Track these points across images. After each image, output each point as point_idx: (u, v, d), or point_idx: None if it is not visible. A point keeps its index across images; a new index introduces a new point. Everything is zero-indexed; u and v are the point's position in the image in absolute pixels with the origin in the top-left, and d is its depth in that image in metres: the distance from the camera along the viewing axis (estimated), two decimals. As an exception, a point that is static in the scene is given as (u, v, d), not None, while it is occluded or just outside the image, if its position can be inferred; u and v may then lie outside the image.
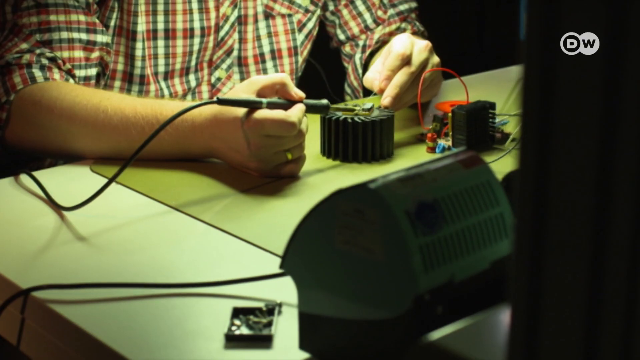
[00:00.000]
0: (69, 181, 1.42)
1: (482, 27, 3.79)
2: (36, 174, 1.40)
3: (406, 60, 1.54)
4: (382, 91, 1.52)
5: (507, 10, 3.54)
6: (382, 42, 1.89)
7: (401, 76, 1.52)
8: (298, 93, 1.38)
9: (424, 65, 1.57)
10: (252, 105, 1.33)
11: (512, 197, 0.88)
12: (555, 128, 0.58)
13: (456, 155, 0.91)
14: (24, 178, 1.41)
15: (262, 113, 1.33)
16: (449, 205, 0.85)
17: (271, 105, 1.35)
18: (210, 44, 1.77)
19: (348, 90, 1.94)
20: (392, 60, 1.54)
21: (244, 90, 1.37)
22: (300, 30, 1.87)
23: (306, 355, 0.92)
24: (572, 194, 0.59)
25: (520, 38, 0.60)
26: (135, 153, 1.31)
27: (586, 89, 0.57)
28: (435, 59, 1.61)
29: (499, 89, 1.79)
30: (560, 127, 0.58)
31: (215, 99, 1.34)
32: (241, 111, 1.34)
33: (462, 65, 1.84)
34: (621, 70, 0.56)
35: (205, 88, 1.80)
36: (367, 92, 1.68)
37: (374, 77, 1.57)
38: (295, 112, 1.34)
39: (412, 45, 1.56)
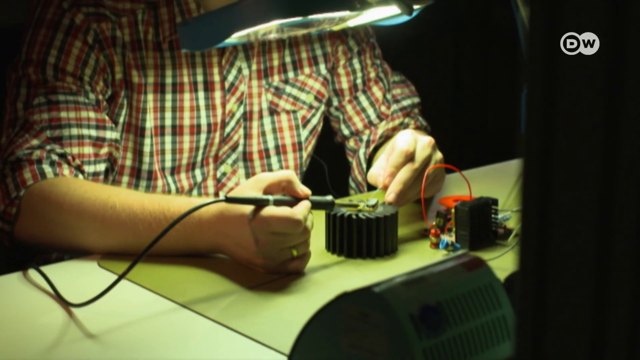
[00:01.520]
0: (77, 276, 1.43)
1: (484, 120, 3.83)
2: (44, 268, 1.42)
3: (410, 157, 1.57)
4: (386, 187, 1.55)
5: (508, 104, 3.58)
6: (386, 137, 1.92)
7: (405, 173, 1.55)
8: (304, 190, 1.41)
9: (427, 161, 1.59)
10: (259, 203, 1.36)
11: (513, 299, 0.89)
12: (556, 128, 0.58)
13: (459, 258, 0.93)
14: (32, 273, 1.43)
15: (268, 210, 1.35)
16: (452, 308, 0.86)
17: (277, 203, 1.37)
18: (217, 140, 1.80)
19: (352, 184, 1.97)
20: (395, 157, 1.56)
21: (251, 187, 1.39)
22: (304, 126, 1.91)
23: None
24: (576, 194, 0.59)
25: (521, 131, 0.61)
26: (143, 251, 1.33)
27: (586, 89, 0.57)
28: (438, 155, 1.64)
29: (500, 183, 1.81)
30: (561, 127, 0.58)
31: (222, 197, 1.37)
32: (248, 208, 1.36)
33: (463, 158, 1.87)
34: (622, 70, 0.56)
35: (211, 183, 1.82)
36: (371, 187, 1.70)
37: (378, 173, 1.60)
38: (301, 210, 1.37)
39: (416, 142, 1.59)
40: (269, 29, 1.50)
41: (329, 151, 2.06)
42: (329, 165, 2.08)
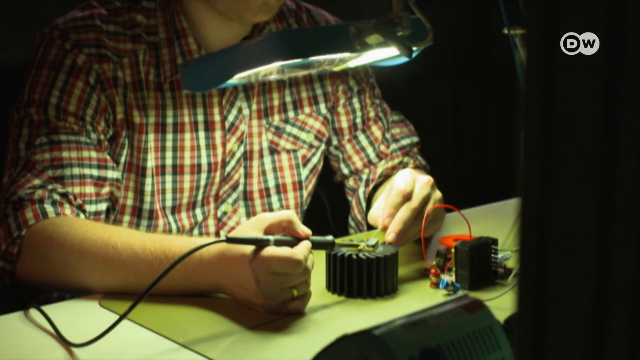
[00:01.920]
0: (78, 316, 1.44)
1: (484, 159, 3.85)
2: (45, 308, 1.42)
3: (408, 197, 1.58)
4: (385, 228, 1.56)
5: (508, 143, 3.60)
6: (385, 176, 1.93)
7: (404, 212, 1.56)
8: (304, 230, 1.42)
9: (426, 200, 1.60)
10: (260, 243, 1.37)
11: (513, 341, 0.90)
12: (555, 128, 0.58)
13: (458, 300, 0.93)
14: (34, 312, 1.43)
15: (269, 251, 1.36)
16: (452, 350, 0.87)
17: (278, 243, 1.38)
18: (217, 179, 1.81)
19: (352, 223, 1.98)
20: (394, 197, 1.57)
21: (252, 227, 1.40)
22: (305, 165, 1.92)
23: None
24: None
25: (520, 169, 0.62)
26: (145, 292, 1.33)
27: (586, 89, 0.57)
28: (437, 194, 1.65)
29: (500, 223, 1.82)
30: (560, 127, 0.58)
31: (223, 237, 1.38)
32: (248, 249, 1.37)
33: (463, 197, 1.88)
34: (621, 71, 0.56)
35: (211, 222, 1.83)
36: (371, 226, 1.71)
37: (377, 214, 1.61)
38: (301, 250, 1.38)
39: (414, 182, 1.60)
40: (270, 70, 1.51)
41: (329, 190, 2.07)
42: (329, 203, 2.09)
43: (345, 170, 1.99)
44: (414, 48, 1.39)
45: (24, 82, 1.69)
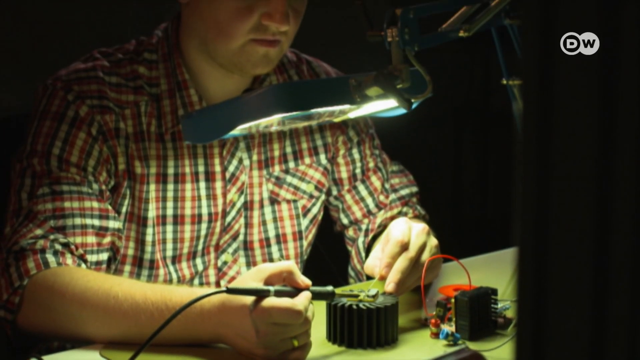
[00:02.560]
0: (79, 367, 1.44)
1: (484, 208, 3.85)
2: (46, 358, 1.42)
3: (405, 246, 1.59)
4: (383, 278, 1.56)
5: (507, 191, 3.61)
6: (384, 226, 1.94)
7: (402, 262, 1.57)
8: (304, 281, 1.42)
9: (422, 249, 1.61)
10: (260, 294, 1.37)
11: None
12: (554, 129, 0.58)
13: (458, 353, 0.94)
14: (34, 363, 1.43)
15: (269, 301, 1.36)
16: (453, 402, 0.87)
17: (278, 294, 1.38)
18: (217, 229, 1.82)
19: (352, 273, 1.98)
20: (391, 247, 1.58)
21: (252, 277, 1.41)
22: (305, 215, 1.93)
23: None
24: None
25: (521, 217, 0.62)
26: (145, 342, 1.33)
27: (586, 89, 0.57)
28: (433, 242, 1.66)
29: (500, 272, 1.82)
30: (559, 127, 0.58)
31: (224, 287, 1.38)
32: (249, 299, 1.38)
33: (463, 245, 1.89)
34: (618, 70, 0.56)
35: (212, 272, 1.84)
36: (371, 276, 1.71)
37: (374, 264, 1.62)
38: (301, 300, 1.38)
39: (410, 231, 1.61)
40: (271, 121, 1.53)
41: (329, 239, 2.07)
42: (329, 253, 2.09)
43: (345, 220, 1.99)
44: (414, 100, 1.40)
45: (26, 132, 1.70)
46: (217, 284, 1.84)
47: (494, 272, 1.84)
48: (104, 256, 1.67)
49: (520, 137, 0.61)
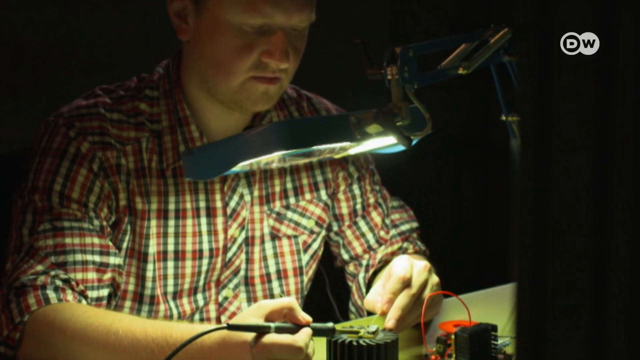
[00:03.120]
0: (79, 403, 1.44)
1: (484, 243, 3.86)
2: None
3: (407, 283, 1.59)
4: (384, 314, 1.56)
5: (507, 226, 3.61)
6: (385, 262, 1.94)
7: (403, 299, 1.57)
8: (305, 317, 1.42)
9: (424, 286, 1.62)
10: (261, 330, 1.37)
11: None
12: (553, 129, 0.58)
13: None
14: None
15: (270, 338, 1.36)
16: None
17: (279, 330, 1.38)
18: (218, 265, 1.82)
19: (352, 308, 1.98)
20: (393, 283, 1.59)
21: (252, 314, 1.41)
22: (305, 250, 1.93)
23: None
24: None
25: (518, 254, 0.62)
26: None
27: (585, 89, 0.57)
28: (435, 279, 1.66)
29: (500, 307, 1.82)
30: (558, 128, 0.58)
31: (224, 324, 1.38)
32: (249, 335, 1.38)
33: (463, 281, 1.89)
34: (615, 71, 0.56)
35: (212, 307, 1.84)
36: (371, 312, 1.71)
37: (375, 299, 1.62)
38: (302, 337, 1.38)
39: (412, 267, 1.62)
40: (272, 158, 1.54)
41: (330, 275, 2.07)
42: (330, 288, 2.09)
43: (346, 256, 2.00)
44: (413, 138, 1.41)
45: (28, 169, 1.71)
46: (218, 320, 1.84)
47: (494, 308, 1.84)
48: (105, 292, 1.68)
49: (517, 177, 0.62)
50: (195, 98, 1.78)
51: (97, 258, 1.66)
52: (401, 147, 1.59)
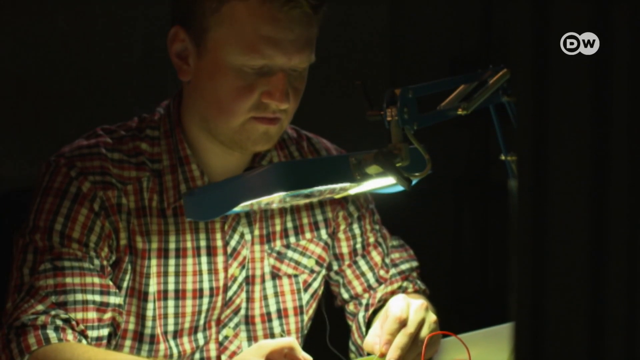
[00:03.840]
0: None
1: (484, 281, 3.85)
2: None
3: (404, 323, 1.60)
4: (383, 355, 1.57)
5: (507, 264, 3.61)
6: (385, 301, 1.94)
7: (401, 339, 1.58)
8: (305, 357, 1.43)
9: (421, 325, 1.62)
10: (262, 371, 1.38)
11: None
12: (551, 129, 0.58)
13: None
14: None
15: (270, 378, 1.37)
16: None
17: (279, 370, 1.39)
18: (219, 304, 1.82)
19: (352, 347, 1.98)
20: (390, 324, 1.59)
21: (253, 354, 1.41)
22: (306, 290, 1.93)
23: None
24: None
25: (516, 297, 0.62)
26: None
27: (584, 88, 0.57)
28: (432, 317, 1.67)
29: (498, 347, 1.82)
30: (557, 128, 0.58)
31: (225, 364, 1.39)
32: (250, 375, 1.38)
33: (464, 319, 1.89)
34: (613, 70, 0.56)
35: (213, 346, 1.84)
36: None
37: (373, 341, 1.62)
38: (302, 377, 1.39)
39: (408, 307, 1.62)
40: (272, 199, 1.54)
41: (330, 313, 2.07)
42: (330, 327, 2.09)
43: (346, 295, 2.00)
44: (413, 178, 1.42)
45: (29, 209, 1.72)
46: (218, 359, 1.84)
47: (493, 347, 1.84)
48: (105, 332, 1.68)
49: (514, 214, 0.62)
50: (196, 138, 1.79)
51: (97, 298, 1.66)
52: (401, 188, 1.60)
